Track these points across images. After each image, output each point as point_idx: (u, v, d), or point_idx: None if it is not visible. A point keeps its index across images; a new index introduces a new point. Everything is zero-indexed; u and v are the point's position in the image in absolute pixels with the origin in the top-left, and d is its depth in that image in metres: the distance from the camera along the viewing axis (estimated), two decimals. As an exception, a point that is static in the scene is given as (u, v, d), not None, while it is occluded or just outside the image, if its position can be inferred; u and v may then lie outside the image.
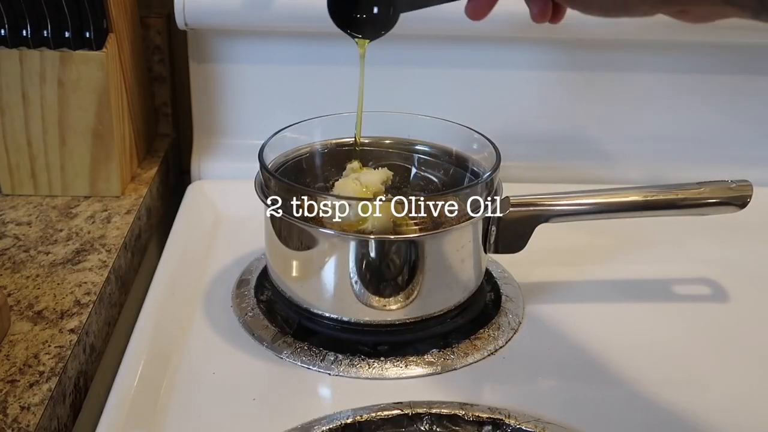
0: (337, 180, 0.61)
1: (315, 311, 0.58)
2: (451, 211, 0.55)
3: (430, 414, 0.50)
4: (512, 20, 0.75)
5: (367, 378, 0.55)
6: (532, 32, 0.77)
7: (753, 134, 0.84)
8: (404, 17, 0.75)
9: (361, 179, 0.59)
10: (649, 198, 0.60)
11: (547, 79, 0.81)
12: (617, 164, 0.84)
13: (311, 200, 0.55)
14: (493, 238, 0.60)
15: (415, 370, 0.55)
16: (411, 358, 0.56)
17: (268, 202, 0.57)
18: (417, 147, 0.66)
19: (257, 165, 0.58)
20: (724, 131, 0.84)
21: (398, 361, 0.56)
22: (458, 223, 0.55)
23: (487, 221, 0.59)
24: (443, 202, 0.55)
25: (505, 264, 0.67)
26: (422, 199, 0.57)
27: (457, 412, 0.50)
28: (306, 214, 0.55)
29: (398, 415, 0.50)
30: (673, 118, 0.83)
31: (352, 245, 0.55)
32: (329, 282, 0.56)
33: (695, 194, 0.60)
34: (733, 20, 0.41)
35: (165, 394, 0.52)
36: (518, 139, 0.82)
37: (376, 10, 0.48)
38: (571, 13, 0.77)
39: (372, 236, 0.54)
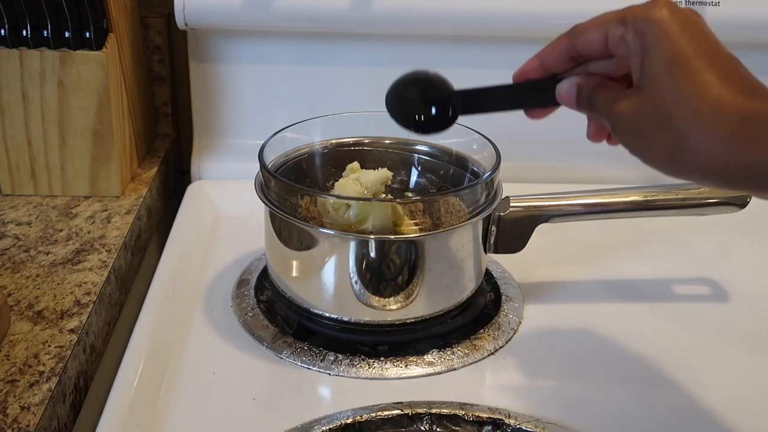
0: (337, 180, 0.61)
1: (315, 311, 0.58)
2: (451, 211, 0.55)
3: (430, 414, 0.50)
4: (512, 20, 0.75)
5: (367, 378, 0.55)
6: (532, 32, 0.77)
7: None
8: (403, 17, 0.75)
9: (361, 180, 0.59)
10: (649, 198, 0.60)
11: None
12: (617, 164, 0.84)
13: (311, 200, 0.56)
14: (493, 238, 0.60)
15: (415, 370, 0.55)
16: (411, 358, 0.56)
17: (268, 201, 0.57)
18: (417, 147, 0.66)
19: (257, 165, 0.58)
20: (724, 131, 0.84)
21: (398, 361, 0.56)
22: (458, 223, 0.55)
23: (487, 221, 0.59)
24: (443, 202, 0.55)
25: (505, 264, 0.67)
26: (422, 199, 0.57)
27: (457, 412, 0.50)
28: (306, 214, 0.55)
29: (398, 415, 0.50)
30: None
31: (352, 245, 0.55)
32: (329, 282, 0.56)
33: (695, 194, 0.60)
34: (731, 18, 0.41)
35: (165, 394, 0.52)
36: (518, 139, 0.82)
37: (434, 112, 0.49)
38: (571, 12, 0.77)
39: (372, 236, 0.54)
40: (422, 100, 0.49)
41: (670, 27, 0.40)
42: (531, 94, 0.48)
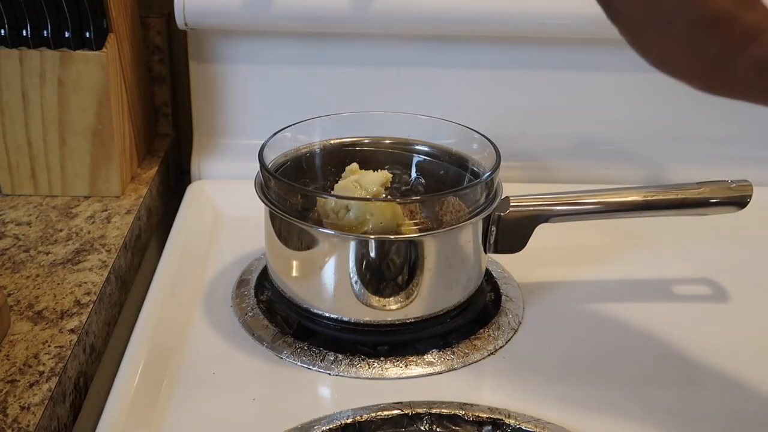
0: (337, 181, 0.61)
1: (315, 311, 0.58)
2: (451, 211, 0.55)
3: (430, 414, 0.50)
4: (512, 20, 0.75)
5: (367, 378, 0.55)
6: (532, 32, 0.77)
7: (753, 134, 0.84)
8: (403, 17, 0.75)
9: (361, 182, 0.59)
10: (649, 198, 0.60)
11: (547, 79, 0.81)
12: (617, 164, 0.84)
13: (311, 200, 0.56)
14: (493, 238, 0.60)
15: (415, 370, 0.55)
16: (411, 358, 0.56)
17: (268, 201, 0.57)
18: (417, 147, 0.66)
19: (257, 165, 0.58)
20: (724, 131, 0.84)
21: (398, 361, 0.56)
22: (458, 223, 0.55)
23: (487, 221, 0.59)
24: (443, 202, 0.55)
25: (505, 264, 0.67)
26: (422, 199, 0.57)
27: (457, 412, 0.50)
28: (306, 214, 0.55)
29: (398, 415, 0.50)
30: (673, 117, 0.83)
31: (352, 245, 0.55)
32: (329, 282, 0.56)
33: (695, 194, 0.60)
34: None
35: (165, 394, 0.52)
36: (518, 139, 0.82)
37: None
38: (570, 12, 0.77)
39: (372, 236, 0.54)
40: None
41: None
42: None
